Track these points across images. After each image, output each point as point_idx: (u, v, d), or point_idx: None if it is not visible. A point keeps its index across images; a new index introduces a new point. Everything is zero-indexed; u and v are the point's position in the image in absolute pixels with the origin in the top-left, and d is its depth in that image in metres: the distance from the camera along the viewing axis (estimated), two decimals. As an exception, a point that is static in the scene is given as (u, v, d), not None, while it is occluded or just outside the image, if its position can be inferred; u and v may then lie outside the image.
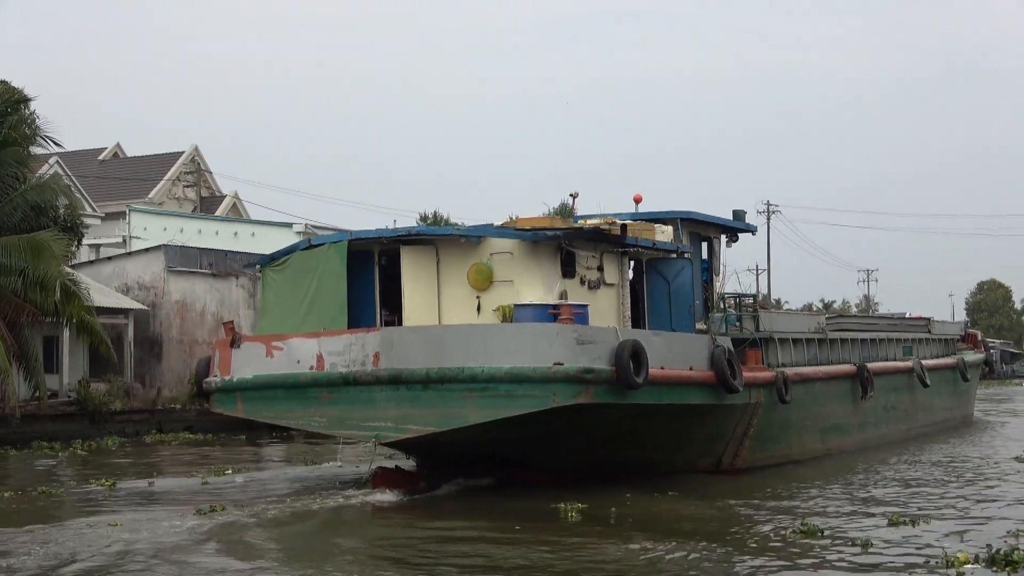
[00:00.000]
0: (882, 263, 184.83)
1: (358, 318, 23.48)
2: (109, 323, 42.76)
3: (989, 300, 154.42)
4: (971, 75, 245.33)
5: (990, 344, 52.67)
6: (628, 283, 25.32)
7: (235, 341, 23.56)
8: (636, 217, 26.75)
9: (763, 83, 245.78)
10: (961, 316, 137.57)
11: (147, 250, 49.02)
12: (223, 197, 74.73)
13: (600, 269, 24.31)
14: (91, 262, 51.07)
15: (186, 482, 25.56)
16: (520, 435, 21.85)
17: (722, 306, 28.14)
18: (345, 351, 22.01)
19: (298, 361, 22.46)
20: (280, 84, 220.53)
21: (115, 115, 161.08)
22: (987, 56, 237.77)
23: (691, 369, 23.75)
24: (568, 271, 23.35)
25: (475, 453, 22.91)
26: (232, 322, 25.90)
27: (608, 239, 23.97)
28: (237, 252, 49.13)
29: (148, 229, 59.85)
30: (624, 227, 24.15)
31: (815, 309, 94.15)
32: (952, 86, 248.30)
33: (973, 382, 44.40)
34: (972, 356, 43.92)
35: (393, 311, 24.03)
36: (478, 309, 23.17)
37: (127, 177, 71.03)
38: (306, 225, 57.48)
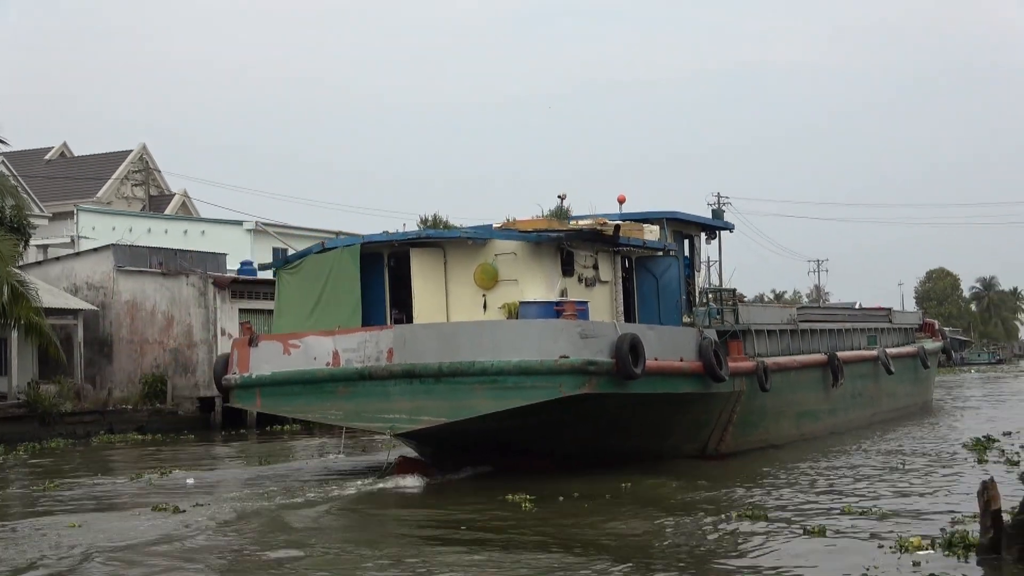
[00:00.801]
0: (832, 253, 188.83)
1: (369, 317, 25.36)
2: (58, 324, 43.68)
3: (938, 289, 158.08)
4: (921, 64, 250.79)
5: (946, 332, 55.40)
6: (621, 280, 27.40)
7: (253, 340, 25.43)
8: (625, 217, 28.83)
9: (718, 81, 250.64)
10: (911, 305, 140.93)
11: (96, 250, 49.81)
12: (172, 195, 75.26)
13: (596, 267, 26.38)
14: (39, 263, 51.83)
15: (130, 483, 26.18)
16: (525, 424, 23.75)
17: (705, 300, 30.25)
18: (360, 348, 23.89)
19: (315, 358, 24.33)
20: (231, 82, 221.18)
21: (62, 114, 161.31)
22: (922, 41, 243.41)
23: (681, 360, 25.92)
24: (567, 270, 25.37)
25: (481, 442, 24.78)
26: (249, 322, 27.70)
27: (604, 239, 26.05)
28: (187, 251, 50.30)
29: (96, 229, 61.49)
30: (618, 228, 26.20)
31: (766, 300, 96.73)
32: (902, 74, 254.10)
33: (932, 369, 47.16)
34: (931, 344, 46.68)
35: (402, 309, 26.02)
36: (484, 307, 25.17)
37: (74, 176, 71.65)
38: (256, 223, 57.19)
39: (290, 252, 26.54)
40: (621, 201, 30.48)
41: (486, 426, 23.62)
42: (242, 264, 48.75)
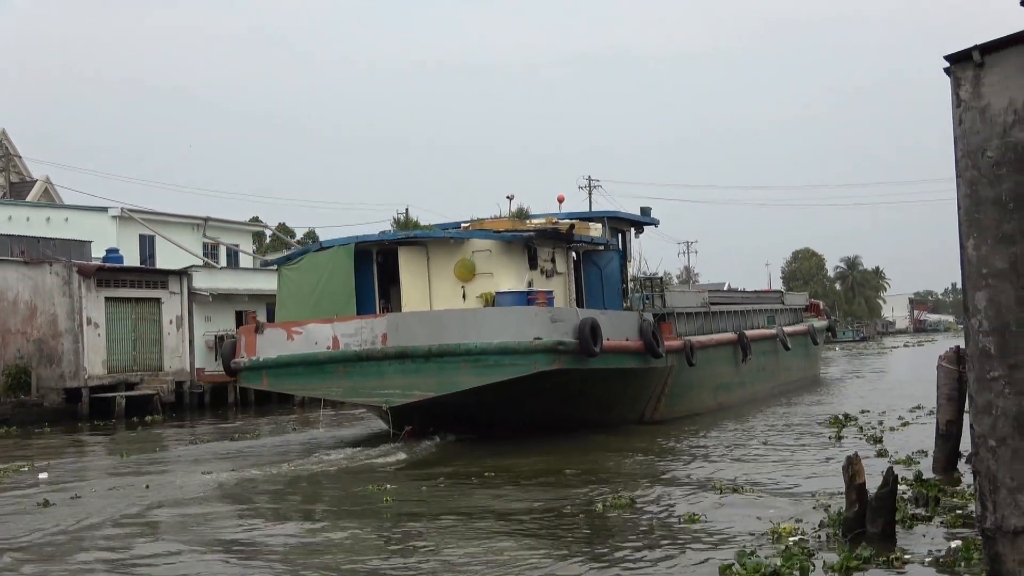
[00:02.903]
0: (700, 235, 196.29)
1: (360, 306, 30.60)
2: (-83, 315, 44.81)
3: (804, 269, 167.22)
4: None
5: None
6: (573, 271, 33.16)
7: (259, 328, 30.63)
8: (571, 216, 34.89)
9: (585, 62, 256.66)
10: (778, 284, 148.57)
11: (-45, 239, 49.20)
12: (34, 182, 73.96)
13: (553, 261, 32.06)
14: None
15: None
16: (499, 397, 29.00)
17: (638, 288, 36.23)
18: (356, 333, 29.20)
19: (316, 342, 29.56)
20: (96, 65, 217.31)
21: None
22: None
23: (627, 340, 31.75)
24: (533, 264, 31.06)
25: (458, 414, 29.88)
26: (255, 312, 32.70)
27: (560, 237, 31.72)
28: (50, 239, 50.65)
29: (-46, 218, 60.49)
30: (572, 227, 32.06)
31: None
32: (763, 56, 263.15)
33: (821, 346, 54.34)
34: (819, 323, 53.78)
35: (389, 299, 31.47)
36: (463, 296, 30.69)
37: (-71, 164, 70.10)
38: (122, 209, 56.98)
39: (157, 239, 30.55)
40: (560, 200, 36.67)
41: (467, 399, 28.85)
42: (108, 252, 50.39)
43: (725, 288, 64.70)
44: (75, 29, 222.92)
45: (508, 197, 34.20)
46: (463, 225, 33.13)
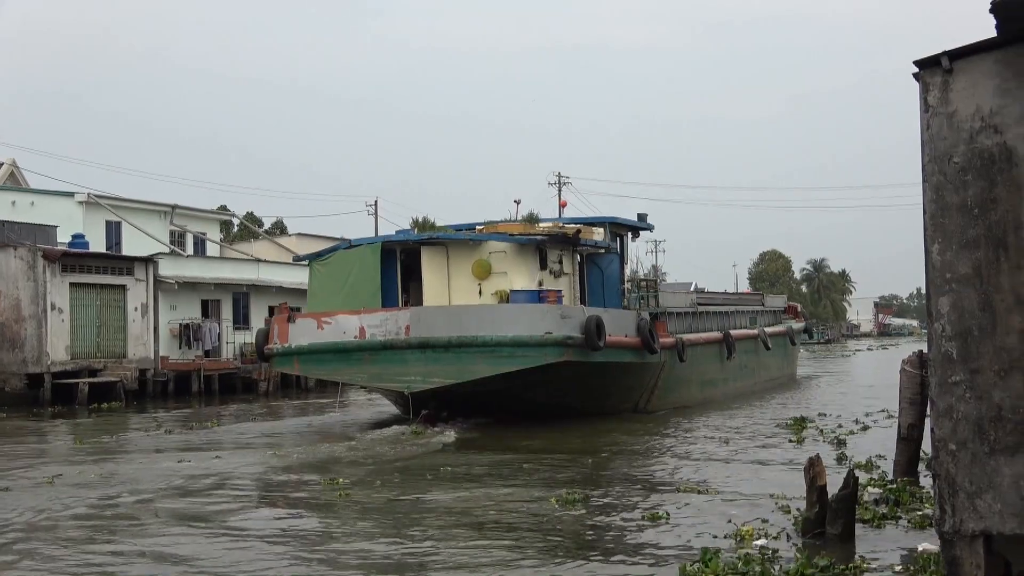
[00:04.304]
0: (666, 233, 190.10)
1: (384, 300, 29.84)
2: None
3: (770, 270, 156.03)
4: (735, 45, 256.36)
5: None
6: (578, 272, 32.17)
7: (291, 317, 29.90)
8: (575, 221, 33.90)
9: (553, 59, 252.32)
10: (744, 286, 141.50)
11: (-84, 222, 44.54)
12: (0, 165, 66.64)
13: (560, 262, 31.06)
14: None
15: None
16: (512, 385, 28.30)
17: (634, 288, 35.19)
18: (382, 324, 28.51)
19: (344, 332, 28.86)
20: (64, 48, 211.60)
21: None
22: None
23: (626, 336, 30.77)
24: (543, 264, 30.20)
25: (472, 400, 28.99)
26: (286, 303, 31.94)
27: (569, 241, 30.79)
28: (15, 223, 45.96)
29: (-85, 201, 54.56)
30: (579, 231, 31.11)
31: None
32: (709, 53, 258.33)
33: (798, 347, 52.94)
34: (797, 325, 52.33)
35: (410, 294, 30.70)
36: (479, 293, 29.91)
37: None
38: (89, 195, 52.44)
39: (123, 226, 28.96)
40: (563, 206, 35.55)
41: (482, 387, 28.09)
42: (73, 237, 46.12)
43: (692, 288, 62.99)
44: (64, 15, 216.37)
45: (516, 202, 34.60)
46: (478, 228, 32.53)
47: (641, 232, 37.81)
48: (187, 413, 36.82)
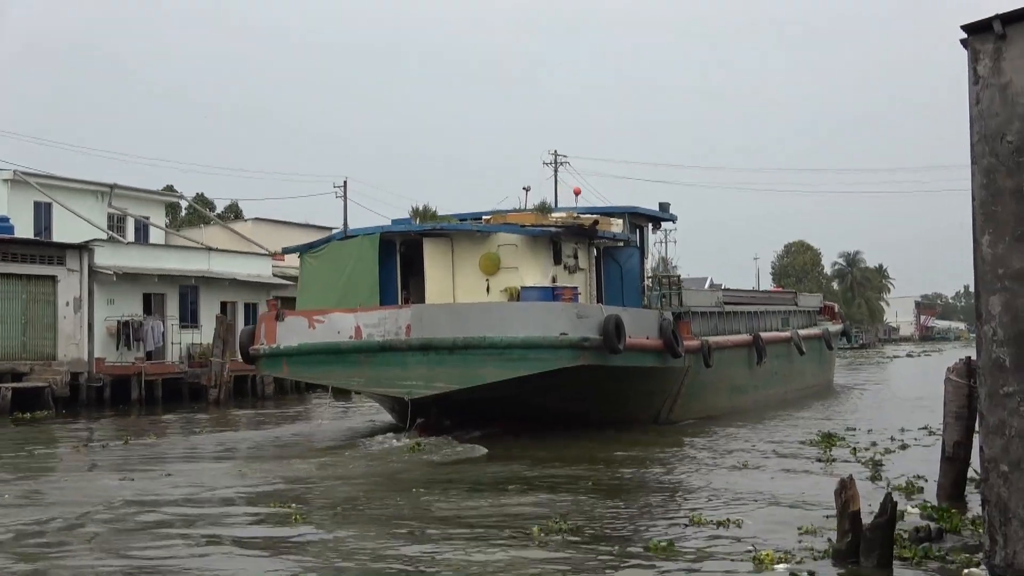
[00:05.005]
0: (680, 222, 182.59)
1: (382, 297, 29.38)
2: None
3: (797, 264, 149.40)
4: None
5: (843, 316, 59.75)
6: (595, 268, 31.70)
7: (279, 315, 29.41)
8: (591, 211, 33.34)
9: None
10: (767, 281, 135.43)
11: None
12: None
13: (576, 257, 30.66)
14: None
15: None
16: (523, 391, 27.80)
17: (655, 285, 34.63)
18: (380, 323, 28.02)
19: (338, 332, 28.36)
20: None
21: None
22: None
23: (647, 338, 30.30)
24: (557, 259, 29.76)
25: (478, 407, 28.61)
26: (276, 299, 31.58)
27: (586, 233, 30.35)
28: None
29: None
30: (596, 223, 30.64)
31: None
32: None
33: (835, 351, 52.22)
34: (834, 327, 51.60)
35: (410, 291, 30.22)
36: (487, 290, 29.43)
37: None
38: (15, 172, 50.30)
39: (55, 208, 28.24)
40: (577, 193, 35.15)
41: (488, 393, 27.59)
42: None
43: (707, 284, 62.39)
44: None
45: (525, 189, 33.60)
46: (485, 218, 32.02)
47: (663, 223, 37.20)
48: (126, 423, 35.53)
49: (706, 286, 70.73)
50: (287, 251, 34.35)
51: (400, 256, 30.32)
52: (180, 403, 43.94)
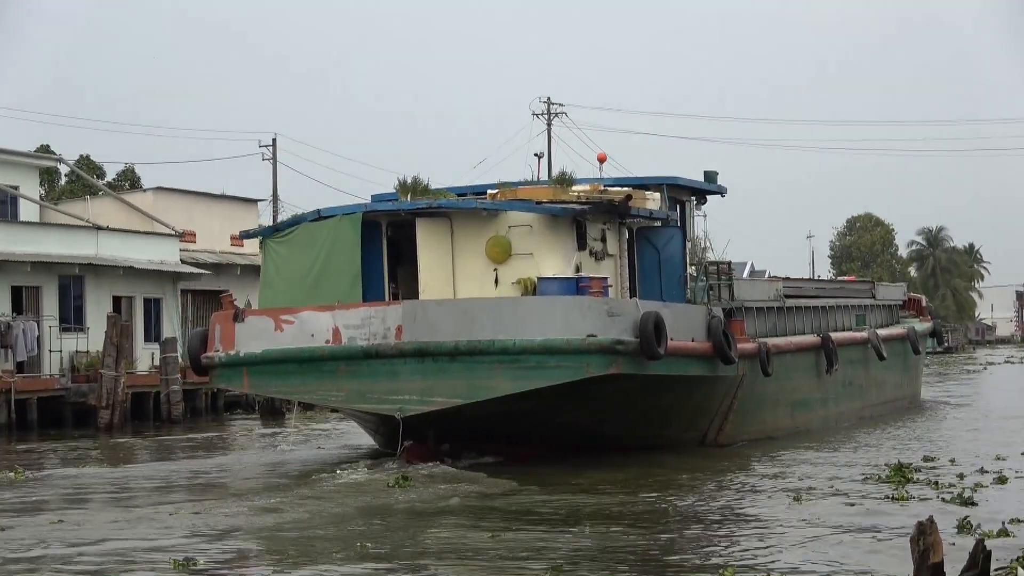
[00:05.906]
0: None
1: (365, 291, 28.07)
2: None
3: (864, 243, 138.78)
4: None
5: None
6: (627, 253, 30.34)
7: (238, 315, 28.11)
8: (621, 183, 32.16)
9: None
10: (825, 266, 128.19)
11: None
12: None
13: (604, 240, 29.60)
14: None
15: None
16: (540, 407, 26.52)
17: (700, 274, 32.40)
18: (364, 324, 26.73)
19: (312, 335, 27.02)
20: None
21: None
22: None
23: (693, 340, 29.19)
24: (581, 243, 28.57)
25: (485, 427, 27.07)
26: (230, 293, 29.10)
27: (616, 211, 29.15)
28: None
29: None
30: (629, 197, 29.27)
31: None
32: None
33: (922, 356, 49.30)
34: (921, 326, 49.34)
35: (399, 283, 28.96)
36: (496, 282, 28.04)
37: None
38: None
39: None
40: (601, 160, 33.44)
41: (499, 409, 26.35)
42: None
43: (748, 270, 58.67)
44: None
45: (536, 155, 32.74)
46: (490, 193, 30.55)
47: (709, 197, 35.51)
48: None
49: (745, 273, 66.39)
50: (245, 236, 32.53)
51: (387, 241, 28.77)
52: (61, 428, 41.85)
